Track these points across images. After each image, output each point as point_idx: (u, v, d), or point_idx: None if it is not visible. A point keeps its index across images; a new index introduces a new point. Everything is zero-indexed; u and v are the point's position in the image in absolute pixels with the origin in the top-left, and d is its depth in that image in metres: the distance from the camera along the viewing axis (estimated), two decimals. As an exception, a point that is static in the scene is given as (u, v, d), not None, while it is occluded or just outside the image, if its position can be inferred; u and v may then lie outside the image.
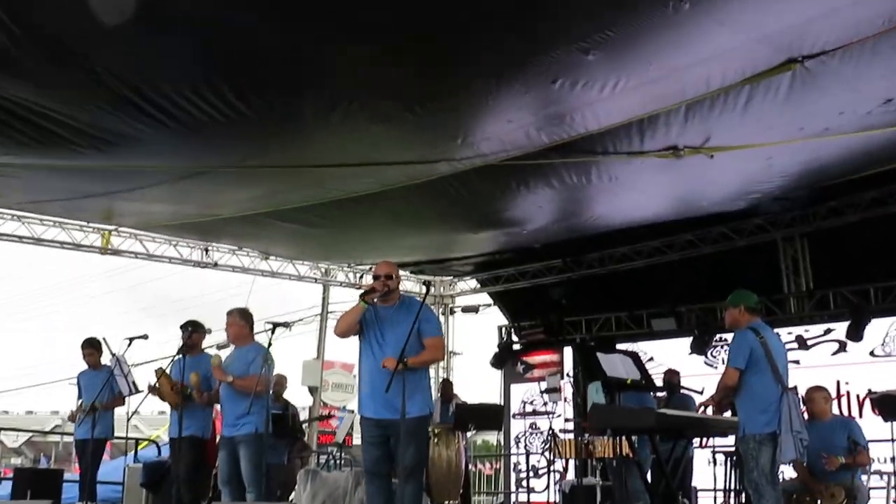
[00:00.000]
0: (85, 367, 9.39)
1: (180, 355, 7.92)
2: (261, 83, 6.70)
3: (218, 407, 8.02)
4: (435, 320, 6.76)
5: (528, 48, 6.26)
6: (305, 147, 8.32)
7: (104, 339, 9.08)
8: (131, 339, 8.31)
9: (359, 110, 7.21)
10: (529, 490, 12.78)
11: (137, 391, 8.45)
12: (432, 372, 11.55)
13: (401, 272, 13.21)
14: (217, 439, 8.09)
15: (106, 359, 9.03)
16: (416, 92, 6.96)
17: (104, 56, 6.15)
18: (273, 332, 7.38)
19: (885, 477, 9.84)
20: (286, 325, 7.54)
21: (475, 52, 6.37)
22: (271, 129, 7.64)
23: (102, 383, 8.69)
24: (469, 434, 9.89)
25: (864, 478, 8.11)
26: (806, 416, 8.12)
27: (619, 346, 11.01)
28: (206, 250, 13.58)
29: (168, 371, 7.96)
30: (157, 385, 7.94)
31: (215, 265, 13.71)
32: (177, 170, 8.91)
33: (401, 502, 6.32)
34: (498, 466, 16.08)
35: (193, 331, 8.07)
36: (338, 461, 12.10)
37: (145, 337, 8.29)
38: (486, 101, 7.08)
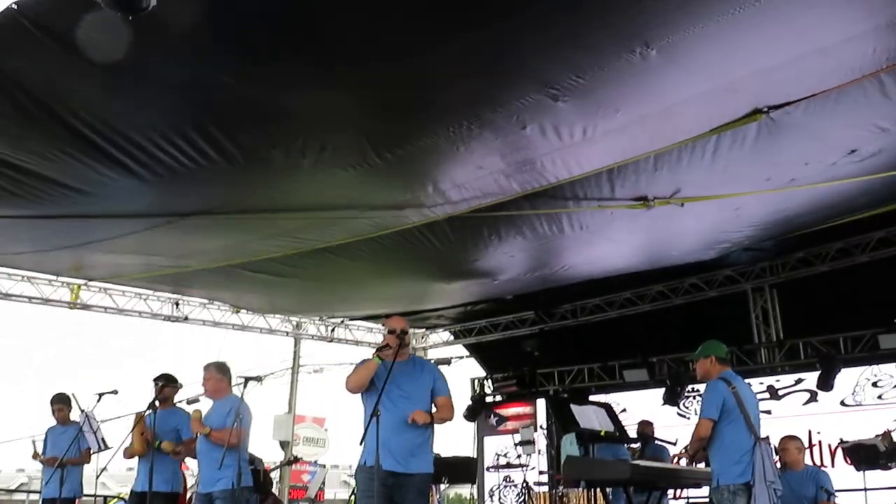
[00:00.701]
0: (53, 423, 9.24)
1: (151, 409, 7.84)
2: (232, 129, 6.71)
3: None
4: (445, 381, 6.77)
5: (498, 93, 6.32)
6: (275, 194, 8.31)
7: (73, 394, 8.95)
8: (101, 395, 8.19)
9: (329, 157, 7.23)
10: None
11: (106, 447, 8.30)
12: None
13: (369, 324, 13.17)
14: (188, 494, 7.99)
15: (75, 415, 8.89)
16: (386, 137, 6.99)
17: (73, 103, 6.17)
18: (245, 386, 7.31)
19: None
20: (258, 378, 7.43)
21: (446, 97, 6.42)
22: (240, 177, 7.64)
23: (70, 439, 8.54)
24: (442, 487, 9.78)
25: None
26: (779, 465, 8.15)
27: (592, 398, 11.00)
28: (177, 304, 13.48)
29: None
30: (131, 433, 7.86)
31: (186, 319, 13.61)
32: (143, 221, 8.88)
33: None
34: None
35: (165, 384, 8.00)
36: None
37: (115, 392, 8.18)
38: (456, 146, 7.11)
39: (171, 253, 10.51)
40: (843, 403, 11.81)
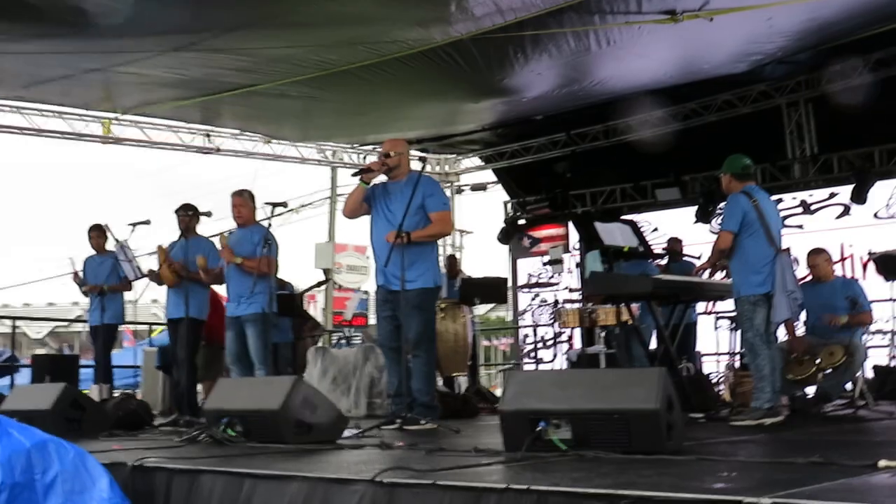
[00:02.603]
0: (90, 252, 9.50)
1: (180, 238, 8.04)
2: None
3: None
4: (440, 194, 6.79)
5: None
6: (300, 8, 8.21)
7: (107, 225, 9.16)
8: (134, 225, 8.38)
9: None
10: (538, 360, 13.03)
11: (143, 275, 8.56)
12: (440, 249, 11.53)
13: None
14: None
15: (111, 245, 9.12)
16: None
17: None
18: (272, 212, 7.45)
19: (887, 336, 9.99)
20: (284, 204, 7.57)
21: None
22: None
23: (108, 269, 8.80)
24: (476, 308, 10.01)
25: (864, 337, 8.22)
26: (810, 278, 8.21)
27: (624, 218, 11.03)
28: (209, 136, 13.51)
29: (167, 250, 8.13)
30: (158, 268, 8.10)
31: (218, 150, 13.66)
32: (170, 39, 8.82)
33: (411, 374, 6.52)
34: (513, 341, 16.34)
35: (193, 214, 8.17)
36: (348, 340, 12.30)
37: (147, 222, 8.36)
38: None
39: (199, 79, 10.46)
40: (876, 216, 11.77)
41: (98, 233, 9.38)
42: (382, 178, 6.69)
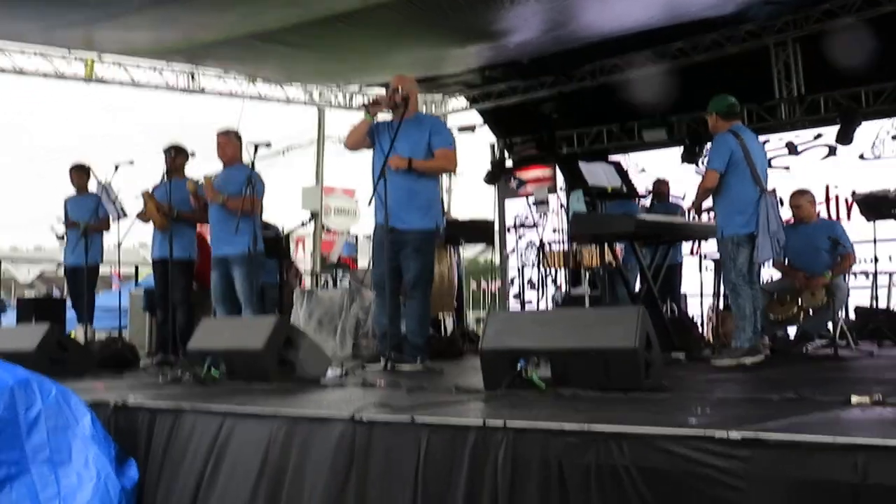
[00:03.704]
0: (71, 192, 9.44)
1: (163, 181, 8.00)
2: None
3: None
4: (446, 133, 6.77)
5: None
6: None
7: (90, 166, 9.10)
8: (117, 166, 8.33)
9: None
10: (524, 302, 13.05)
11: (125, 215, 8.53)
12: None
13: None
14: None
15: (93, 186, 9.08)
16: None
17: None
18: (255, 152, 7.41)
19: (870, 277, 10.05)
20: (268, 144, 7.52)
21: None
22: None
23: (90, 208, 8.75)
24: (465, 250, 10.02)
25: (845, 278, 8.29)
26: (793, 220, 8.25)
27: (612, 158, 11.00)
28: (193, 76, 13.39)
29: (153, 194, 8.11)
30: (143, 210, 8.09)
31: (202, 91, 13.54)
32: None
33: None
34: (500, 284, 16.37)
35: (176, 154, 8.13)
36: (335, 281, 12.31)
37: (131, 162, 8.30)
38: None
39: (182, 28, 10.38)
40: (861, 157, 11.76)
41: (80, 173, 9.33)
42: (388, 114, 6.64)
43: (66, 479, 3.82)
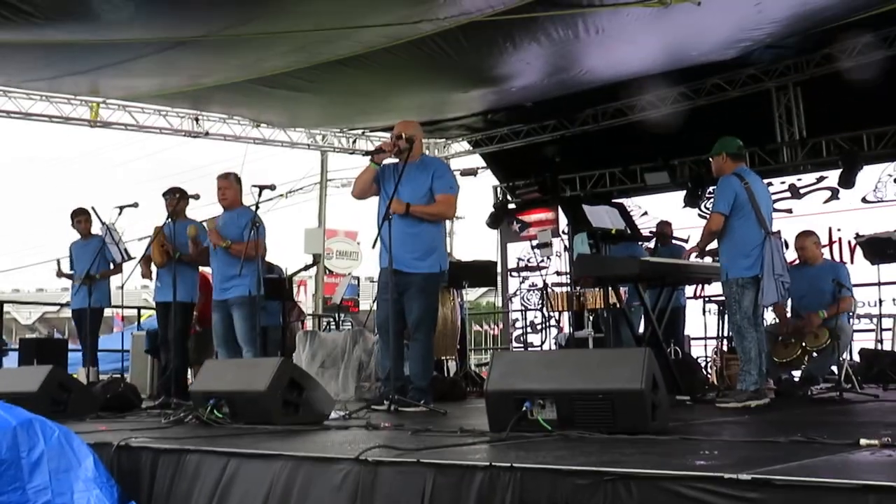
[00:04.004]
0: (76, 237, 9.47)
1: (169, 221, 8.01)
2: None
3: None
4: (449, 177, 6.75)
5: None
6: (284, 12, 8.21)
7: (93, 207, 9.13)
8: (121, 208, 8.35)
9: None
10: (527, 345, 13.04)
11: (130, 258, 8.54)
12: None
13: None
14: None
15: (97, 228, 9.11)
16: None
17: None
18: (260, 195, 7.42)
19: (874, 320, 10.04)
20: (271, 186, 7.54)
21: None
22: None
23: (94, 252, 8.77)
24: (467, 293, 10.00)
25: (850, 320, 8.26)
26: (798, 261, 8.25)
27: (614, 202, 11.02)
28: (197, 120, 13.48)
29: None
30: (148, 246, 8.09)
31: (206, 134, 13.63)
32: (154, 45, 8.84)
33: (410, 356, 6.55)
34: (502, 326, 16.36)
35: (180, 197, 8.15)
36: (338, 324, 12.30)
37: (135, 205, 8.33)
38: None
39: (186, 73, 10.49)
40: (864, 200, 11.81)
41: (83, 217, 9.36)
42: (393, 159, 6.65)
43: (68, 522, 3.78)
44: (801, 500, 2.43)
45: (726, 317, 9.38)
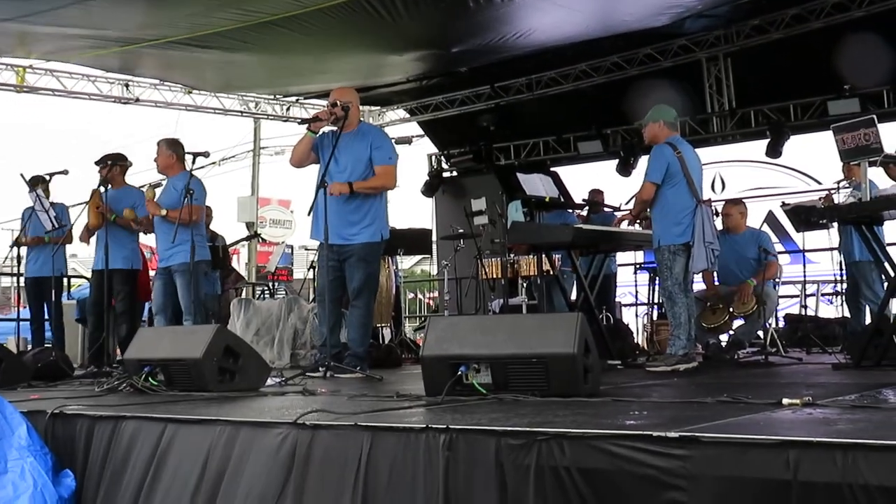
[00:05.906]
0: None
1: (107, 189, 7.86)
2: None
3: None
4: (388, 147, 6.71)
5: None
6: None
7: (21, 174, 8.93)
8: (50, 175, 8.21)
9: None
10: (462, 312, 13.09)
11: (61, 225, 8.37)
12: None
13: (324, 102, 13.05)
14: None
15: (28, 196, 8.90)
16: None
17: None
18: (193, 161, 7.36)
19: (798, 286, 10.32)
20: (206, 154, 7.45)
21: None
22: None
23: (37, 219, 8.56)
24: (402, 261, 10.04)
25: (776, 286, 8.48)
26: (720, 228, 8.43)
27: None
28: (127, 85, 13.23)
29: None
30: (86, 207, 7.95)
31: (137, 100, 13.38)
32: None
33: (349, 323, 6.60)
34: (437, 294, 16.40)
35: (113, 163, 8.02)
36: (272, 293, 12.26)
37: (65, 172, 8.19)
38: None
39: (117, 26, 10.21)
40: (790, 169, 12.06)
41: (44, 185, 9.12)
42: (331, 127, 6.61)
43: (2, 490, 3.75)
44: (726, 456, 2.52)
45: (657, 284, 9.57)
